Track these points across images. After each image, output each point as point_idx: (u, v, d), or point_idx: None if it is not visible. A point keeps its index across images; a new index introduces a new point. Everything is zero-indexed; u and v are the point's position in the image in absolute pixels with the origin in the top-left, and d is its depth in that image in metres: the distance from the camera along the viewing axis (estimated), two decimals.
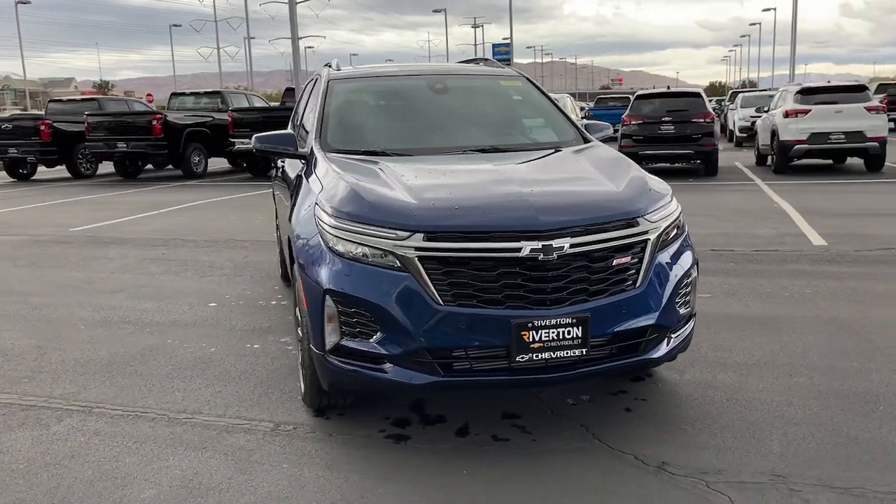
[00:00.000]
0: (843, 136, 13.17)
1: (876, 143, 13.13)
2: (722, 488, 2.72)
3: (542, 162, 3.86)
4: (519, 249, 2.87)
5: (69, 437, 3.32)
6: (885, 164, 13.66)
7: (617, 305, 2.97)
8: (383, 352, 2.92)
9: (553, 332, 2.86)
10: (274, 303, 5.58)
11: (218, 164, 19.12)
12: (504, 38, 69.49)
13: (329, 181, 3.42)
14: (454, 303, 2.86)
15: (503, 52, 69.49)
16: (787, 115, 13.62)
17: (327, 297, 2.99)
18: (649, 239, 3.09)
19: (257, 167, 16.62)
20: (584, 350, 2.91)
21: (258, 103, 19.68)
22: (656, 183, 3.48)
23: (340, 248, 3.02)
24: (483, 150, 3.96)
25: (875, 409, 3.36)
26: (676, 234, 3.28)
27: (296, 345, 3.82)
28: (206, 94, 19.14)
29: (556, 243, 2.88)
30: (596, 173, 3.50)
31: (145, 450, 3.18)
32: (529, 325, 2.84)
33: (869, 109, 13.30)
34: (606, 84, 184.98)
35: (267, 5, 46.12)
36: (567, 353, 2.90)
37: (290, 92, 19.48)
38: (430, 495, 2.75)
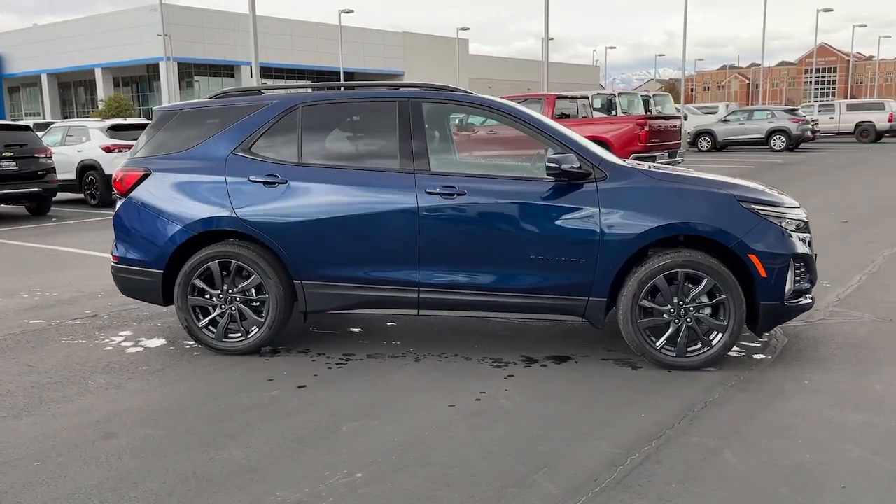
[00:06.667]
0: None
1: None
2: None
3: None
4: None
5: None
6: None
7: None
8: (808, 287, 4.63)
9: None
10: (340, 362, 4.67)
11: None
12: None
13: (722, 181, 4.59)
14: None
15: None
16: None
17: (792, 259, 4.44)
18: None
19: None
20: None
21: None
22: None
23: (791, 227, 4.48)
24: None
25: None
26: None
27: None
28: None
29: None
30: None
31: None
32: None
33: None
34: None
35: None
36: None
37: None
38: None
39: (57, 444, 3.55)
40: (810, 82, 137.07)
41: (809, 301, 4.65)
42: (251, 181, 4.71)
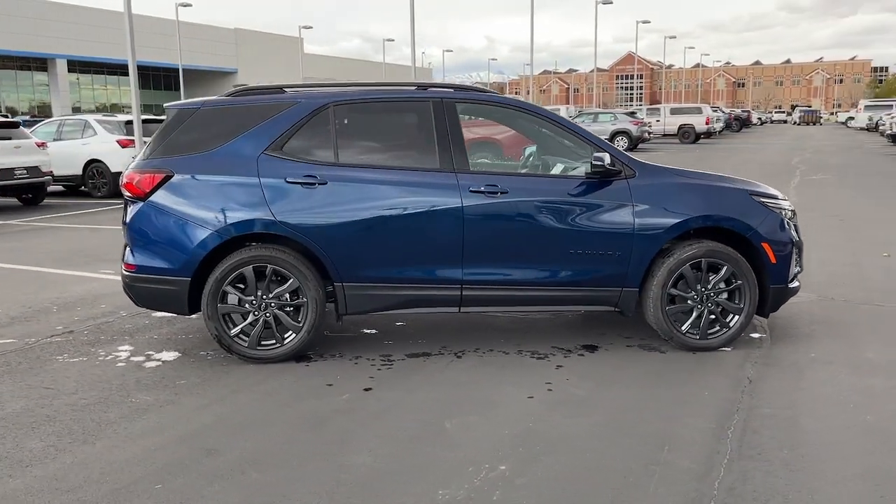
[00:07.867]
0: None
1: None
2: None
3: None
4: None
5: None
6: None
7: None
8: (799, 271, 5.20)
9: None
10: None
11: None
12: None
13: (730, 178, 5.01)
14: None
15: None
16: None
17: (793, 247, 4.98)
18: None
19: None
20: None
21: None
22: None
23: (786, 217, 5.02)
24: None
25: None
26: None
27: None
28: None
29: None
30: None
31: None
32: None
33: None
34: None
35: None
36: None
37: None
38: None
39: (160, 465, 3.30)
40: (621, 87, 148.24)
41: (799, 284, 5.22)
42: (288, 182, 4.55)
